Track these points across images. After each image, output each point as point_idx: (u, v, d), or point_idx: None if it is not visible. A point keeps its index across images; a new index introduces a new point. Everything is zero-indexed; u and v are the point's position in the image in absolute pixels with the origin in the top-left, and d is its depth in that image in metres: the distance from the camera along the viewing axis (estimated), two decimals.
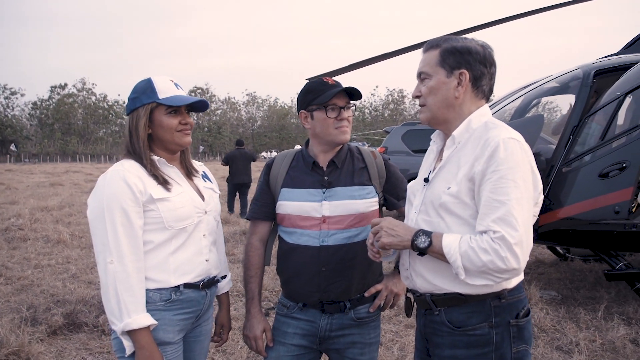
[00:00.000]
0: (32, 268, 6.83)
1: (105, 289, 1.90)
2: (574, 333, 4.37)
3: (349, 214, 2.17)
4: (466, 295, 1.74)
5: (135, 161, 2.02)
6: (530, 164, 1.70)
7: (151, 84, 2.04)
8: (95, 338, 4.37)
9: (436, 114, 1.84)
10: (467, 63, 1.78)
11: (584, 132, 5.06)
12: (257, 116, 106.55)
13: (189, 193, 2.10)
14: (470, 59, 1.78)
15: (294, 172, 2.26)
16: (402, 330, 4.50)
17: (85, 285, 5.96)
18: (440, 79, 1.79)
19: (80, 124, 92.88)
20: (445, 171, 1.80)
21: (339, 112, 2.16)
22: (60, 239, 8.59)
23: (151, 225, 1.98)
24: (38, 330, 4.39)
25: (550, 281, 6.18)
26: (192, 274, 2.07)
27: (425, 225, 1.80)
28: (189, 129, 2.10)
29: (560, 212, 4.87)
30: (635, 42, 6.30)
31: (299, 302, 2.23)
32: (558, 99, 6.79)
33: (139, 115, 2.03)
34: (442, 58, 1.79)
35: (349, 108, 2.19)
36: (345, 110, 2.18)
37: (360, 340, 2.24)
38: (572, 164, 4.95)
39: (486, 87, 1.83)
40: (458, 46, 1.79)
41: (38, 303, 5.14)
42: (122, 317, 1.87)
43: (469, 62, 1.78)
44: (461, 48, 1.79)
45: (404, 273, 1.93)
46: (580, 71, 5.41)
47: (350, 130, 2.21)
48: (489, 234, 1.60)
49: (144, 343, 1.90)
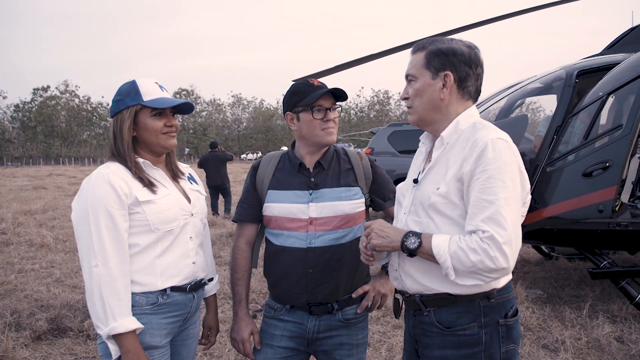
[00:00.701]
0: (15, 273, 6.74)
1: (90, 293, 1.87)
2: (560, 331, 4.41)
3: (336, 216, 2.17)
4: (455, 296, 1.74)
5: (120, 164, 2.00)
6: (518, 163, 1.71)
7: (135, 86, 2.02)
8: (80, 343, 4.32)
9: (423, 116, 1.85)
10: (452, 64, 1.79)
11: (567, 132, 5.12)
12: (243, 118, 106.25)
13: (175, 195, 2.08)
14: (455, 60, 1.79)
15: (281, 174, 2.25)
16: (390, 331, 4.51)
17: (69, 289, 5.90)
18: (426, 81, 1.81)
19: (63, 126, 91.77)
20: (434, 172, 1.81)
21: (325, 114, 2.16)
22: (44, 243, 8.49)
23: (137, 228, 1.96)
24: (22, 336, 4.34)
25: (535, 280, 6.24)
26: (179, 277, 2.05)
27: (414, 225, 1.80)
28: (174, 132, 2.09)
29: (545, 211, 4.92)
30: (617, 43, 6.39)
31: (287, 304, 2.23)
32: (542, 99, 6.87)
33: (123, 118, 2.00)
34: (428, 60, 1.81)
35: (335, 109, 2.19)
36: (332, 112, 2.18)
37: (348, 341, 2.24)
38: (556, 163, 5.00)
39: (472, 88, 1.84)
40: (443, 48, 1.80)
41: (22, 308, 5.08)
42: (108, 321, 1.85)
43: (454, 64, 1.79)
44: (446, 50, 1.80)
45: (393, 274, 1.93)
46: (563, 71, 5.47)
47: (337, 132, 2.21)
48: (478, 234, 1.60)
49: (130, 347, 1.88)
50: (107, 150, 2.07)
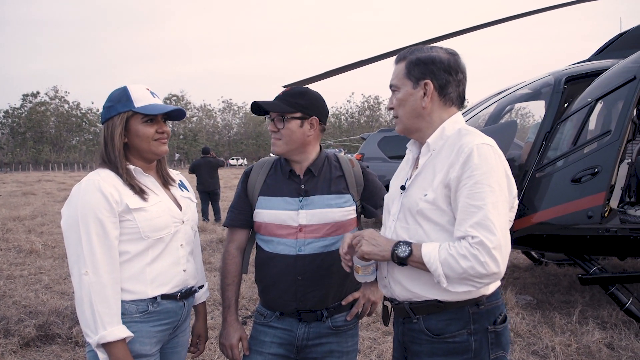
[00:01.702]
0: (4, 279, 6.67)
1: (79, 300, 1.85)
2: (550, 337, 4.42)
3: (326, 223, 2.17)
4: (445, 303, 1.74)
5: (111, 170, 1.99)
6: (504, 168, 1.72)
7: (127, 92, 2.01)
8: (68, 350, 4.28)
9: (407, 125, 1.87)
10: (431, 73, 1.80)
11: (556, 138, 5.15)
12: (234, 123, 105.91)
13: (165, 202, 2.07)
14: (434, 68, 1.80)
15: (272, 180, 2.25)
16: (380, 337, 4.50)
17: (58, 296, 5.84)
18: (408, 91, 1.83)
19: (52, 132, 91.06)
20: (421, 178, 1.81)
21: (273, 124, 2.17)
22: (33, 249, 8.42)
23: (127, 235, 1.94)
24: (11, 342, 4.30)
25: (525, 286, 6.26)
26: (170, 285, 2.04)
27: (403, 232, 1.80)
28: (165, 138, 2.08)
29: (534, 217, 4.94)
30: (605, 49, 6.46)
31: (276, 310, 2.22)
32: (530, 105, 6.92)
33: (115, 124, 1.99)
34: (408, 70, 1.83)
35: (278, 120, 2.15)
36: (276, 122, 2.16)
37: (337, 348, 2.23)
38: (545, 169, 5.03)
39: (454, 94, 1.84)
40: (422, 57, 1.82)
41: (10, 314, 5.02)
42: (97, 330, 1.83)
43: (433, 72, 1.80)
44: (425, 59, 1.81)
45: (382, 282, 1.92)
46: (552, 77, 5.51)
47: (283, 142, 2.16)
48: (467, 240, 1.61)
49: (120, 356, 1.86)
50: (97, 156, 2.05)
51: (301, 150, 2.19)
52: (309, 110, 2.16)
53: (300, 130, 2.16)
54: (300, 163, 2.22)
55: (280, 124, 2.14)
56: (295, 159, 2.21)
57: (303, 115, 2.15)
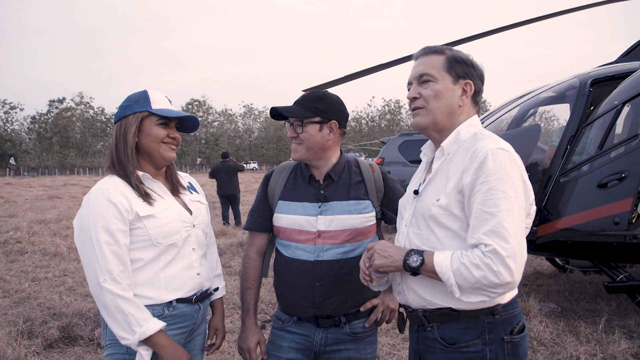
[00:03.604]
0: (29, 281, 6.80)
1: (106, 308, 1.87)
2: (574, 347, 4.32)
3: (345, 229, 2.14)
4: (459, 311, 1.70)
5: (119, 177, 1.99)
6: (520, 174, 1.67)
7: (146, 94, 2.05)
8: (90, 351, 4.32)
9: (437, 119, 1.79)
10: (471, 76, 1.80)
11: (581, 142, 5.05)
12: (254, 127, 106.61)
13: (175, 208, 2.07)
14: (473, 72, 1.81)
15: (291, 184, 2.24)
16: (399, 344, 4.45)
17: (81, 298, 5.92)
18: (447, 85, 1.78)
19: (78, 137, 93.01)
20: (434, 183, 1.78)
21: (292, 130, 2.16)
22: (58, 252, 8.55)
23: (139, 243, 1.95)
24: (34, 344, 4.37)
25: (549, 293, 6.13)
26: (185, 289, 2.05)
27: (415, 238, 1.77)
28: (175, 144, 2.09)
29: (559, 223, 4.84)
30: (632, 50, 6.30)
31: (294, 315, 2.21)
32: (555, 109, 6.80)
33: (129, 123, 2.01)
34: (449, 64, 1.78)
35: (297, 125, 2.14)
36: (295, 127, 2.14)
37: (356, 355, 2.20)
38: (570, 174, 4.93)
39: (480, 103, 1.86)
40: (463, 57, 1.81)
41: (35, 316, 5.12)
42: (134, 329, 1.86)
43: (473, 75, 1.80)
44: (466, 60, 1.81)
45: (396, 288, 1.89)
46: (577, 80, 5.40)
47: (303, 148, 2.14)
48: (481, 248, 1.57)
49: (164, 342, 1.91)
50: (107, 159, 2.06)
51: (321, 155, 2.18)
52: (327, 114, 2.15)
53: (320, 134, 2.14)
54: (320, 168, 2.20)
55: (299, 129, 2.13)
56: (315, 164, 2.20)
57: (322, 119, 2.14)
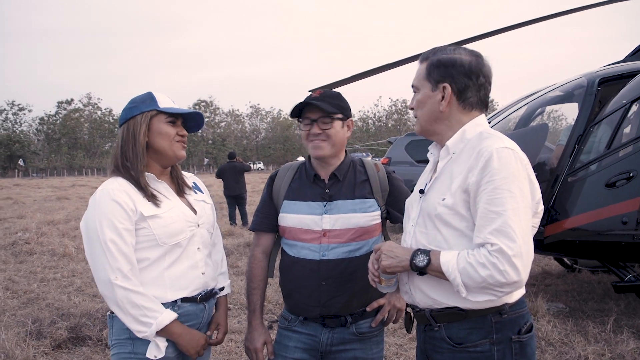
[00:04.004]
0: (38, 282, 6.85)
1: (119, 305, 1.89)
2: (583, 347, 4.30)
3: (350, 228, 2.15)
4: (466, 311, 1.70)
5: (124, 178, 2.00)
6: (526, 172, 1.66)
7: (152, 94, 2.07)
8: (98, 352, 4.36)
9: (425, 127, 1.84)
10: (450, 76, 1.76)
11: (589, 141, 5.03)
12: (261, 128, 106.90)
13: (179, 208, 2.08)
14: (453, 71, 1.75)
15: (296, 184, 2.25)
16: (406, 344, 4.45)
17: (90, 298, 5.96)
18: (426, 93, 1.79)
19: (86, 138, 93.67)
20: (440, 182, 1.78)
21: (311, 126, 2.14)
22: (66, 253, 8.61)
23: (144, 242, 1.97)
24: (43, 344, 4.40)
25: (557, 293, 6.10)
26: (189, 289, 2.06)
27: (422, 237, 1.77)
28: (185, 142, 2.11)
29: (567, 222, 4.82)
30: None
31: (300, 315, 2.21)
32: (562, 108, 6.76)
33: (138, 123, 2.02)
34: (428, 71, 1.79)
35: (324, 122, 2.13)
36: (320, 124, 2.13)
37: (362, 355, 2.20)
38: (578, 173, 4.91)
39: (473, 99, 1.78)
40: (443, 59, 1.77)
41: (43, 317, 5.15)
42: (150, 321, 1.89)
43: (452, 75, 1.76)
44: (446, 61, 1.77)
45: (403, 288, 1.89)
46: (585, 79, 5.37)
47: (329, 144, 2.14)
48: (487, 247, 1.56)
49: (181, 330, 1.97)
50: (110, 162, 2.08)
51: (339, 153, 2.21)
52: (347, 112, 2.19)
53: (342, 131, 2.17)
54: (330, 166, 2.21)
55: (326, 125, 2.13)
56: (331, 162, 2.21)
57: (343, 116, 2.17)
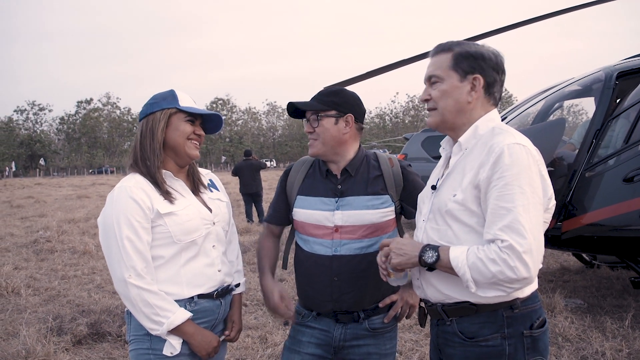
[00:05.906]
0: (59, 279, 6.98)
1: (133, 303, 1.92)
2: (600, 342, 4.26)
3: (362, 224, 2.15)
4: (477, 305, 1.71)
5: (142, 175, 2.04)
6: (538, 168, 1.66)
7: (173, 92, 2.10)
8: (118, 347, 4.43)
9: (446, 118, 1.81)
10: (481, 69, 1.76)
11: (607, 136, 4.96)
12: (278, 125, 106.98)
13: (195, 205, 2.11)
14: (483, 64, 1.77)
15: (310, 179, 2.27)
16: (422, 340, 4.45)
17: (109, 295, 6.06)
18: (453, 83, 1.77)
19: (105, 137, 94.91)
20: (452, 178, 1.78)
21: (309, 125, 2.18)
22: (86, 250, 8.75)
23: (160, 240, 2.00)
24: (63, 340, 4.48)
25: (575, 289, 6.05)
26: (206, 285, 2.09)
27: (433, 233, 1.78)
28: (199, 142, 2.14)
29: (584, 218, 4.77)
30: None
31: (313, 310, 2.23)
32: (580, 102, 6.68)
33: (157, 119, 2.05)
34: (455, 62, 1.77)
35: (313, 119, 2.17)
36: (311, 122, 2.17)
37: (375, 351, 2.22)
38: (596, 168, 4.85)
39: (498, 94, 1.82)
40: (471, 51, 1.77)
41: (64, 313, 5.25)
42: (162, 320, 1.92)
43: (483, 68, 1.76)
44: (475, 53, 1.77)
45: (415, 282, 1.91)
46: (603, 73, 5.30)
47: (320, 142, 2.17)
48: (497, 243, 1.57)
49: (193, 330, 1.99)
50: (130, 156, 2.11)
51: (337, 150, 2.19)
52: (343, 108, 2.17)
53: (335, 127, 2.16)
54: (337, 163, 2.22)
55: (315, 123, 2.16)
56: (332, 159, 2.21)
57: (338, 112, 2.16)
